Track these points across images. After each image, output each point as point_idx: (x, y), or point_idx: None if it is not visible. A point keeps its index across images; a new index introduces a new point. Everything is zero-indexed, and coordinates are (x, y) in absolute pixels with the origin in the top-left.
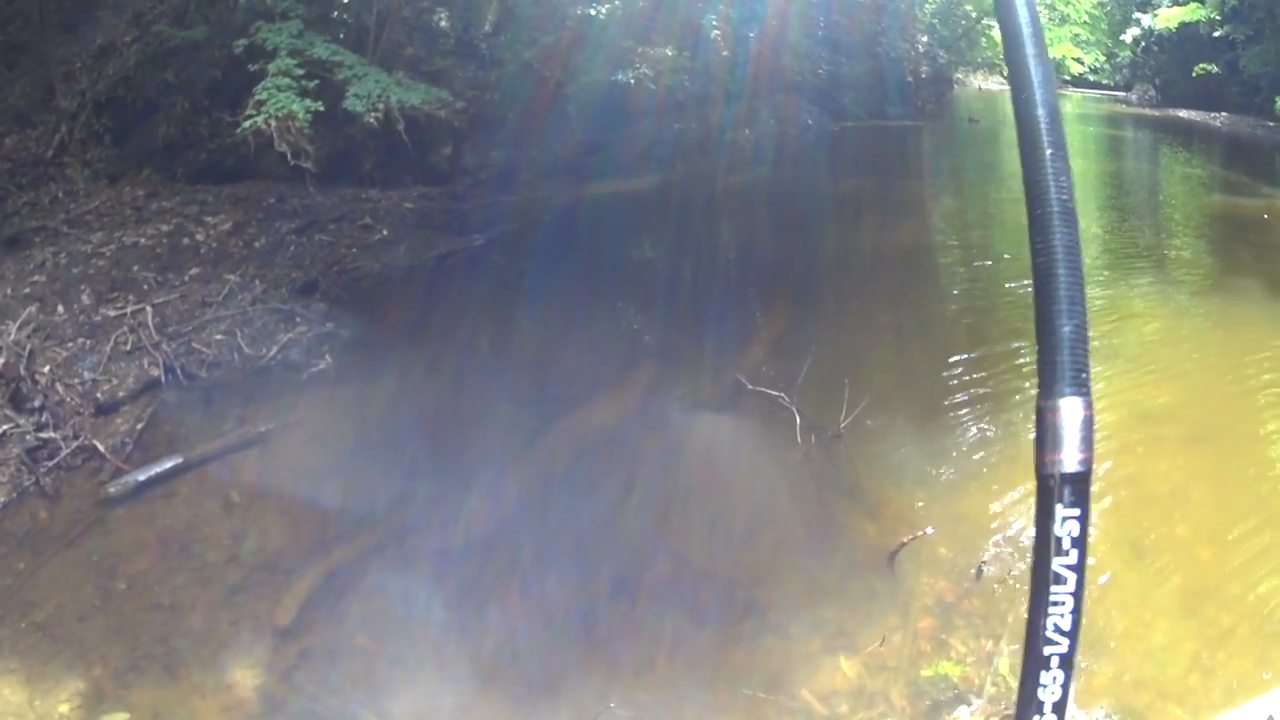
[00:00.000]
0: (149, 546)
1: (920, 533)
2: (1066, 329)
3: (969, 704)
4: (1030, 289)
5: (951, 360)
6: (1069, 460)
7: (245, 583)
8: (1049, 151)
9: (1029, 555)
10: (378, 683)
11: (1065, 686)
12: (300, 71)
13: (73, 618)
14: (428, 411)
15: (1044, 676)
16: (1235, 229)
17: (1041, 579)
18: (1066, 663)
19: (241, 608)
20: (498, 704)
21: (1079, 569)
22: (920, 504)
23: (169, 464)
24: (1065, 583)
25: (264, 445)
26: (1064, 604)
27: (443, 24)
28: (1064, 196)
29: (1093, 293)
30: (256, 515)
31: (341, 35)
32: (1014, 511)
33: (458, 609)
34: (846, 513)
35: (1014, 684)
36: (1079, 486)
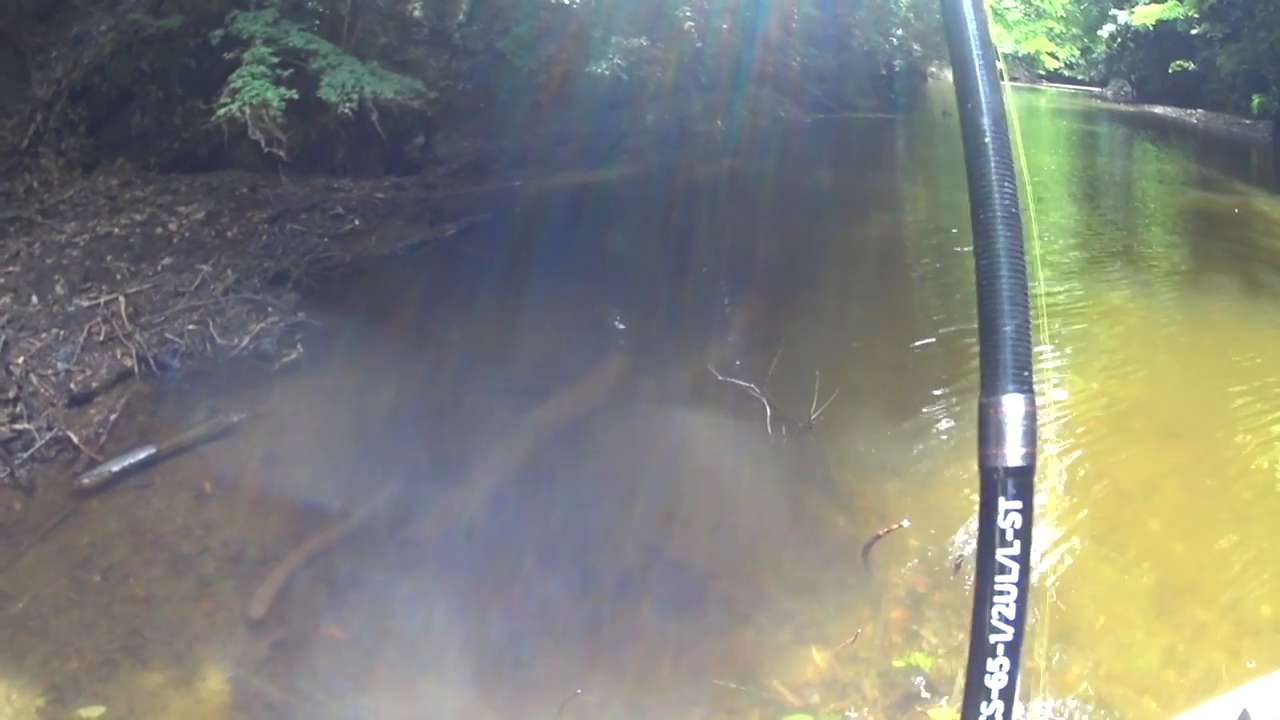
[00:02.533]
0: (123, 538)
1: (896, 525)
2: (1009, 328)
3: (941, 694)
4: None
5: (923, 352)
6: (1011, 454)
7: (219, 574)
8: (993, 158)
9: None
10: (352, 674)
11: (1012, 674)
12: (275, 60)
13: (48, 610)
14: (399, 401)
15: (990, 664)
16: (1210, 225)
17: (986, 569)
18: (1012, 650)
19: (215, 599)
20: (467, 691)
21: (1022, 559)
22: (892, 495)
23: (142, 455)
24: (1009, 573)
25: (236, 436)
26: (1009, 593)
27: (416, 13)
28: (1007, 201)
29: (1066, 287)
30: (229, 506)
31: (316, 24)
32: None
33: (431, 597)
34: (817, 504)
35: None
36: (1022, 480)
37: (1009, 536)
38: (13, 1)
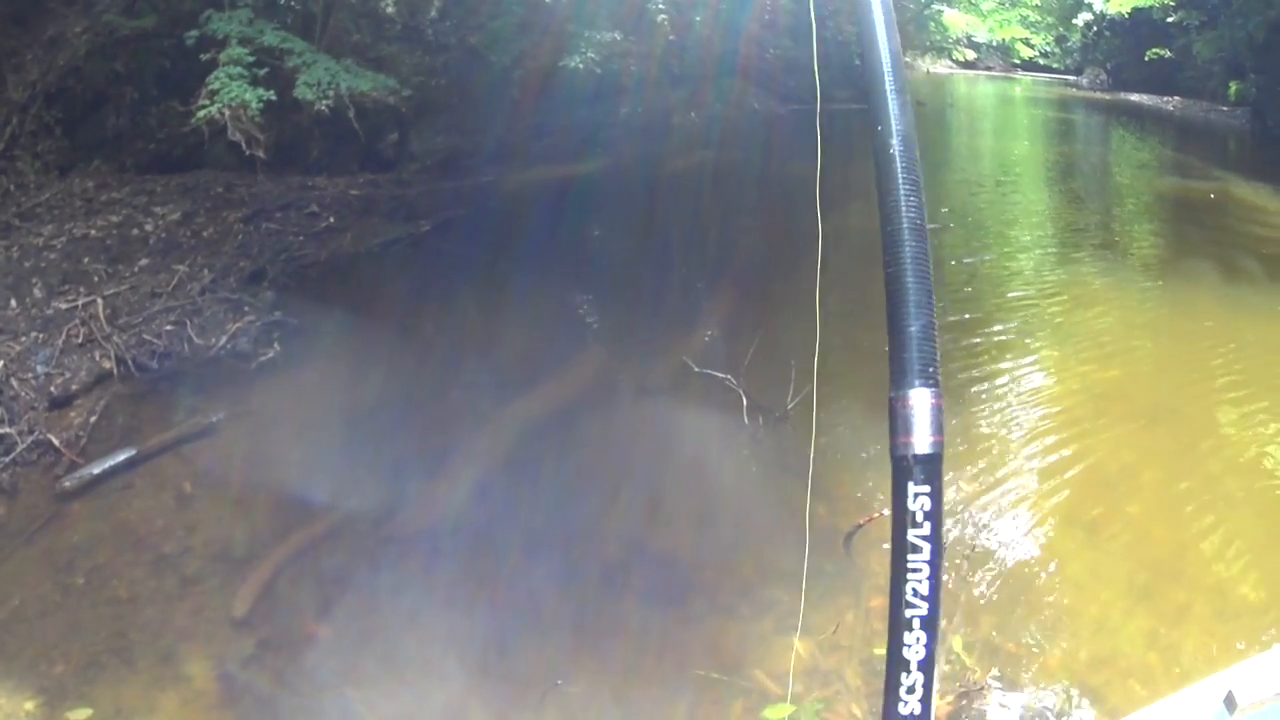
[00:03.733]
0: (105, 540)
1: (877, 514)
2: (914, 328)
3: None
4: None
5: None
6: (920, 443)
7: (201, 574)
8: (901, 176)
9: (983, 534)
10: (336, 669)
11: (929, 646)
12: (251, 60)
13: (33, 614)
14: (377, 398)
15: (907, 637)
16: (1186, 211)
17: (900, 549)
18: (928, 624)
19: (199, 599)
20: (451, 683)
21: (933, 539)
22: (870, 484)
23: (123, 456)
24: (921, 552)
25: (216, 435)
26: (921, 570)
27: (389, 10)
28: (913, 215)
29: (1044, 274)
30: (210, 506)
31: (289, 21)
32: (965, 491)
33: (412, 592)
34: (795, 493)
35: (968, 661)
36: (929, 466)
37: (919, 518)
38: None
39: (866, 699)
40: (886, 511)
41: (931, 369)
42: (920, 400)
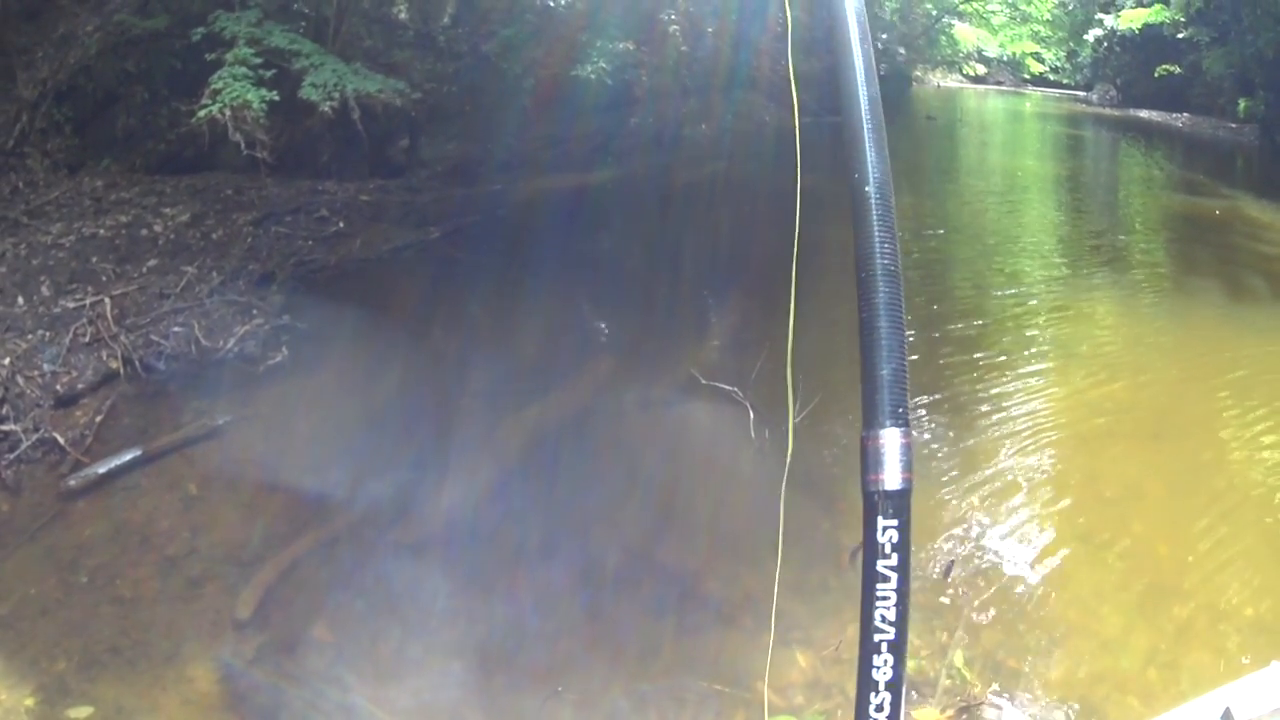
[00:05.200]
0: (109, 539)
1: None
2: (885, 371)
3: (924, 696)
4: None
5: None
6: (890, 479)
7: (205, 575)
8: (876, 222)
9: (985, 548)
10: (336, 672)
11: (896, 668)
12: (257, 61)
13: (35, 612)
14: (383, 404)
15: (876, 659)
16: (1192, 228)
17: (870, 578)
18: (894, 648)
19: (202, 600)
20: (451, 697)
21: (900, 569)
22: None
23: (128, 456)
24: (889, 581)
25: (222, 438)
26: (889, 598)
27: (402, 16)
28: (886, 261)
29: (1047, 288)
30: (215, 507)
31: (301, 27)
32: (967, 506)
33: (415, 599)
34: (800, 507)
35: (969, 676)
36: (899, 501)
37: (888, 550)
38: None
39: None
40: None
41: (901, 409)
42: (891, 440)
